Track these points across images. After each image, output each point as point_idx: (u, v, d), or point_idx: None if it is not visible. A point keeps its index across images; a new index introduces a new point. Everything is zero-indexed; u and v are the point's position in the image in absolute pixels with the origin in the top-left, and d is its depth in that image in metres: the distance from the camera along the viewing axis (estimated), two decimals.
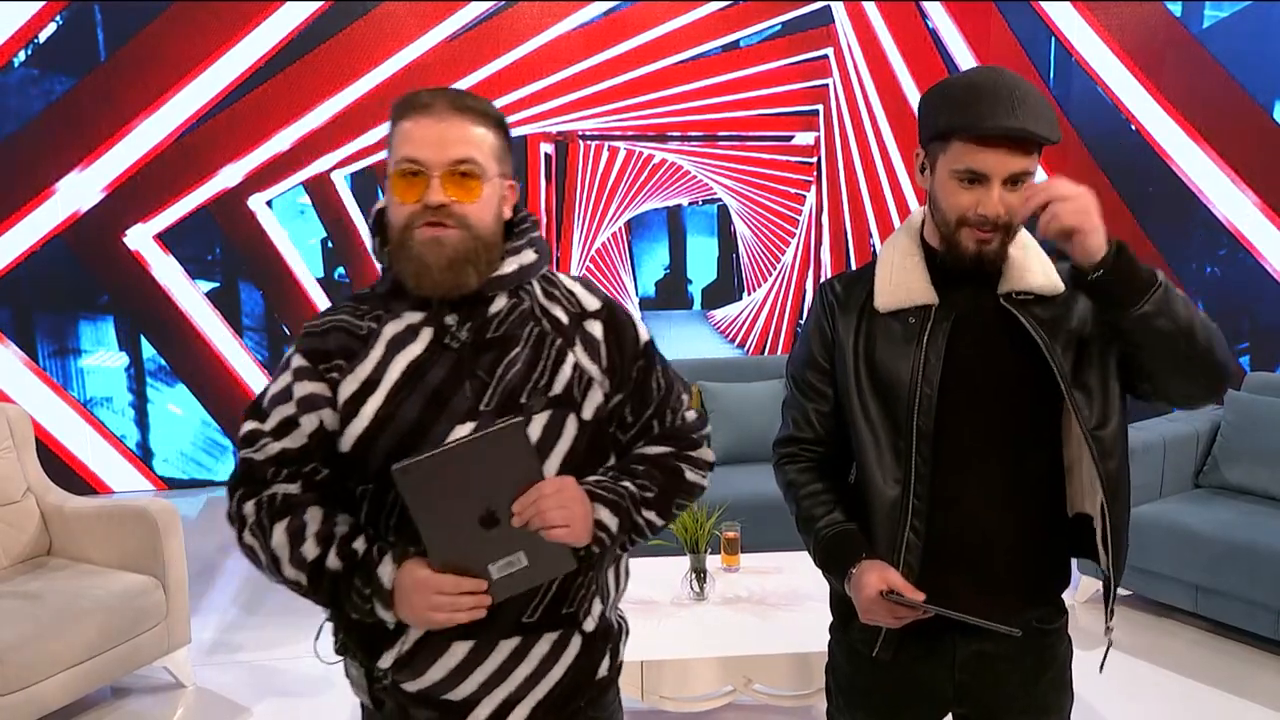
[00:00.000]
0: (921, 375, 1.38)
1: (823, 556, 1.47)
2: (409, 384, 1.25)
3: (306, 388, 1.26)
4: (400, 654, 1.25)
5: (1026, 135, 1.27)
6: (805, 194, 5.92)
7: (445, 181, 1.20)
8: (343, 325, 1.29)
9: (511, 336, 1.28)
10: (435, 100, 1.22)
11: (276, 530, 1.23)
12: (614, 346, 1.34)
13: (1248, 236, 4.57)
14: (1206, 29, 4.72)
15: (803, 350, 1.54)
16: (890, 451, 1.41)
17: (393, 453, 1.21)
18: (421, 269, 1.22)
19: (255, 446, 1.28)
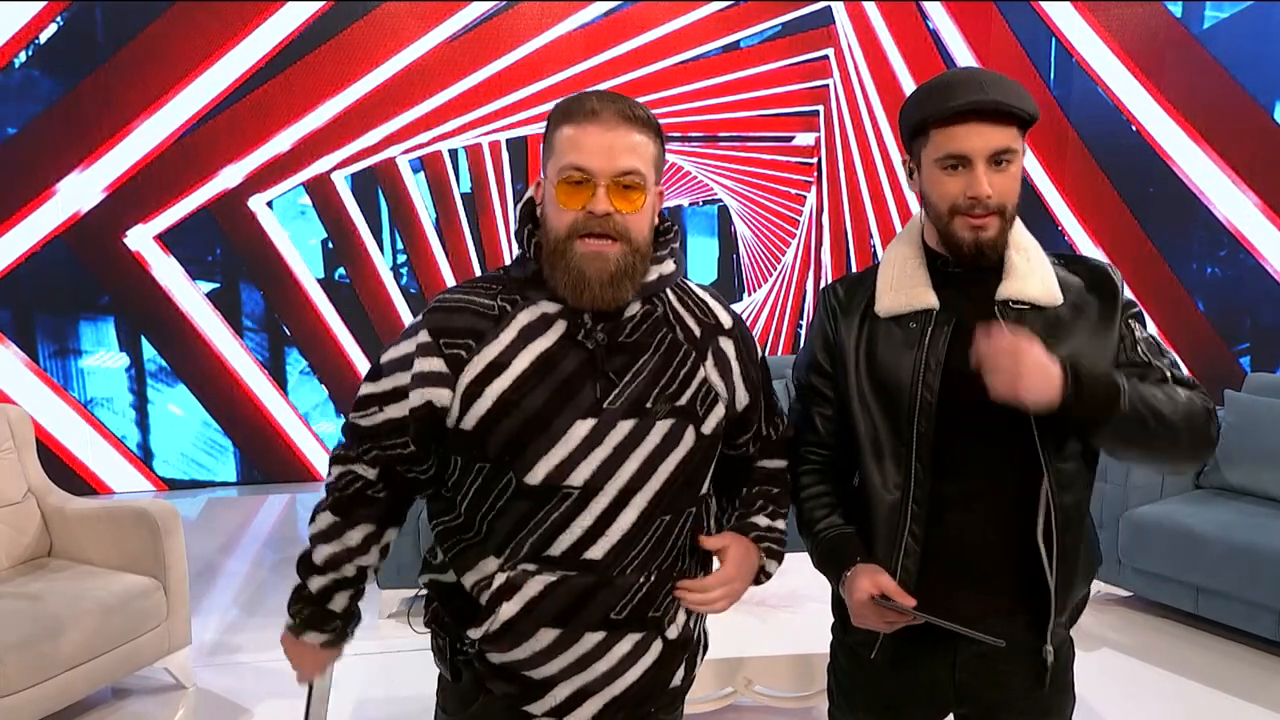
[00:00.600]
0: (922, 380, 1.38)
1: (820, 558, 1.48)
2: (538, 373, 1.26)
3: (426, 363, 1.27)
4: (488, 631, 1.28)
5: (995, 106, 1.29)
6: (806, 194, 5.92)
7: (611, 191, 1.22)
8: (473, 305, 1.30)
9: (644, 343, 1.31)
10: (604, 108, 1.23)
11: (322, 517, 1.37)
12: (745, 365, 1.39)
13: (1248, 237, 4.57)
14: (1207, 29, 4.72)
15: (806, 354, 1.54)
16: (890, 456, 1.41)
17: (512, 438, 1.25)
18: (581, 282, 1.23)
19: (363, 411, 1.33)
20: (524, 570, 1.28)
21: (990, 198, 1.32)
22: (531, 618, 1.27)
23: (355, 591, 1.41)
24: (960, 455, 1.39)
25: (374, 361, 1.36)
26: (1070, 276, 1.43)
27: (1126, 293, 1.45)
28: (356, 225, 5.45)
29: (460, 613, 1.33)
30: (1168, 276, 4.89)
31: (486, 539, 1.31)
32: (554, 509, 1.26)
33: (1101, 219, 5.17)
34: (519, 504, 1.27)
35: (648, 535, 1.30)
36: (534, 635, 1.28)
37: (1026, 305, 1.38)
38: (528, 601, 1.27)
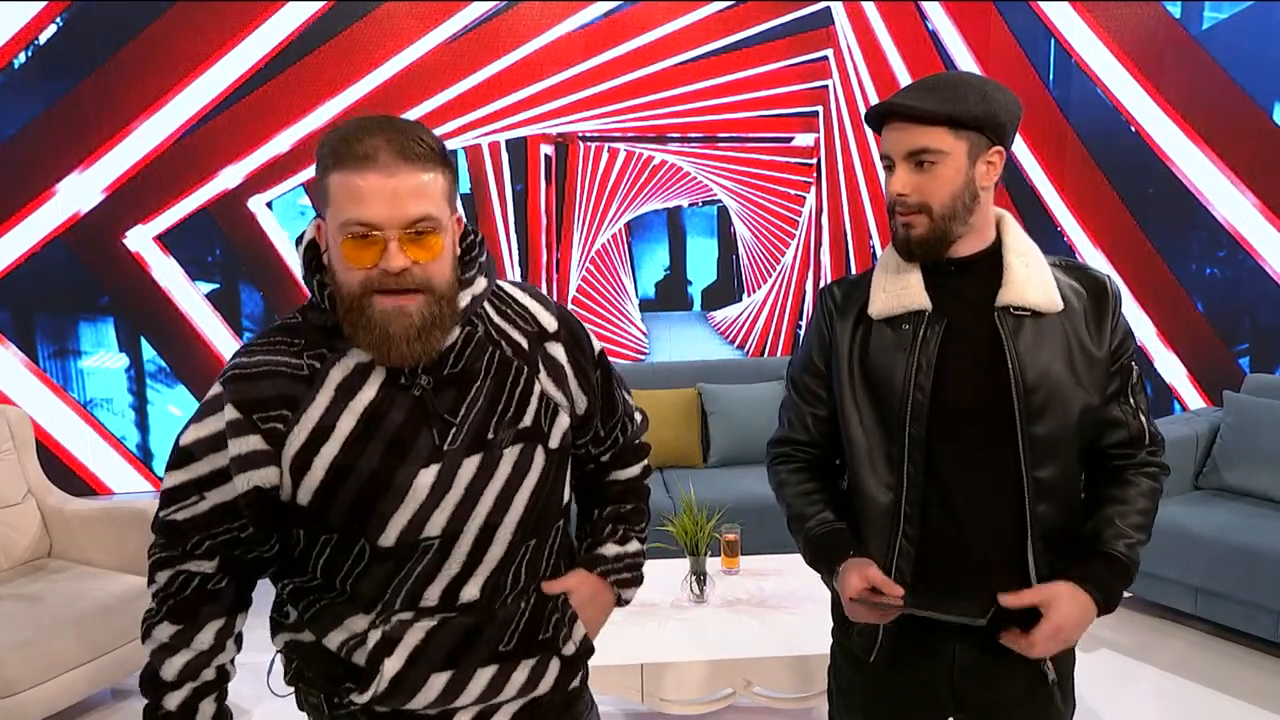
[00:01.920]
0: (914, 381, 1.38)
1: (812, 554, 1.49)
2: (367, 430, 1.16)
3: (242, 444, 1.16)
4: (376, 691, 1.21)
5: (900, 110, 1.34)
6: (805, 195, 5.92)
7: (404, 243, 1.10)
8: (278, 368, 1.18)
9: (471, 369, 1.22)
10: (378, 150, 1.08)
11: (159, 630, 1.23)
12: (579, 367, 1.32)
13: (1247, 238, 4.57)
14: (1206, 30, 4.72)
15: (802, 354, 1.55)
16: (883, 458, 1.42)
17: (354, 504, 1.17)
18: (385, 341, 1.13)
19: (179, 504, 1.21)
20: (400, 621, 1.21)
21: (907, 196, 1.36)
22: (419, 667, 1.21)
23: (220, 693, 1.27)
24: (951, 457, 1.40)
25: (174, 444, 1.22)
26: (1070, 282, 1.44)
27: (1123, 314, 1.46)
28: None
29: (331, 673, 1.25)
30: (1167, 277, 4.89)
31: (351, 599, 1.22)
32: (417, 563, 1.20)
33: (1100, 219, 5.17)
34: (379, 566, 1.20)
35: (517, 563, 1.26)
36: (426, 683, 1.21)
37: (1027, 312, 1.38)
38: (411, 651, 1.21)
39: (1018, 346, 1.37)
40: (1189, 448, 3.69)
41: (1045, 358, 1.37)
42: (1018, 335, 1.37)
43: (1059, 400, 1.38)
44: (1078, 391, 1.39)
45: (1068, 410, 1.38)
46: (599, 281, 5.85)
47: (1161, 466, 1.48)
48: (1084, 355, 1.39)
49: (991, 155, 1.37)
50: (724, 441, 4.26)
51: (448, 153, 1.18)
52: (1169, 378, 4.90)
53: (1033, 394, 1.36)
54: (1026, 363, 1.36)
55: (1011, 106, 1.37)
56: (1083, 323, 1.41)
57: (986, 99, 1.33)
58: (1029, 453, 1.37)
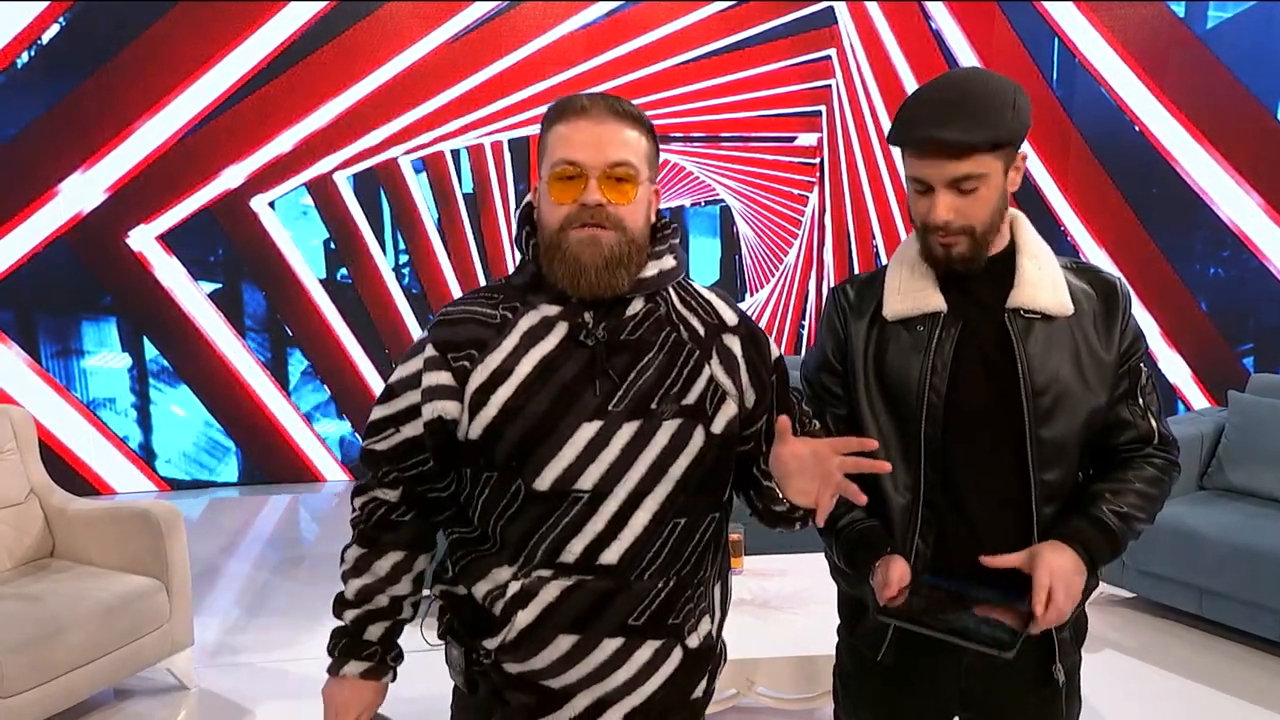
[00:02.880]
0: (929, 383, 1.38)
1: (846, 554, 1.45)
2: (541, 377, 1.26)
3: (434, 377, 1.28)
4: (505, 640, 1.27)
5: (945, 144, 1.29)
6: (808, 195, 5.91)
7: (602, 183, 1.23)
8: (475, 316, 1.31)
9: (647, 341, 1.29)
10: (593, 104, 1.25)
11: (350, 553, 1.37)
12: (753, 363, 1.36)
13: (1251, 238, 4.56)
14: (1210, 29, 4.71)
15: (817, 354, 1.54)
16: (900, 459, 1.41)
17: (518, 444, 1.25)
18: (578, 269, 1.23)
19: (378, 435, 1.34)
20: (539, 576, 1.26)
21: (951, 222, 1.34)
22: (549, 624, 1.25)
23: (392, 624, 1.38)
24: (964, 459, 1.40)
25: (386, 383, 1.36)
26: (1081, 285, 1.43)
27: (1134, 316, 1.45)
28: (359, 226, 5.45)
29: (474, 623, 1.32)
30: (1170, 277, 4.88)
31: (499, 549, 1.29)
32: (564, 513, 1.25)
33: (1104, 219, 5.16)
34: (530, 510, 1.26)
35: (663, 539, 1.28)
36: (552, 642, 1.26)
37: (1037, 315, 1.38)
38: (545, 608, 1.25)
39: (1028, 349, 1.36)
40: (1194, 448, 3.68)
41: (1055, 361, 1.37)
42: (1028, 338, 1.37)
43: (1067, 403, 1.37)
44: (1086, 395, 1.38)
45: (1075, 413, 1.38)
46: None
47: (1171, 461, 1.46)
48: (1093, 358, 1.39)
49: (1019, 161, 1.37)
50: None
51: (653, 127, 1.31)
52: (1173, 378, 4.89)
53: (1041, 396, 1.36)
54: (1036, 365, 1.36)
55: (1029, 107, 1.35)
56: (1092, 326, 1.40)
57: (1017, 110, 1.32)
58: (1036, 455, 1.37)
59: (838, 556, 1.48)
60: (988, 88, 1.33)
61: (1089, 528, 1.36)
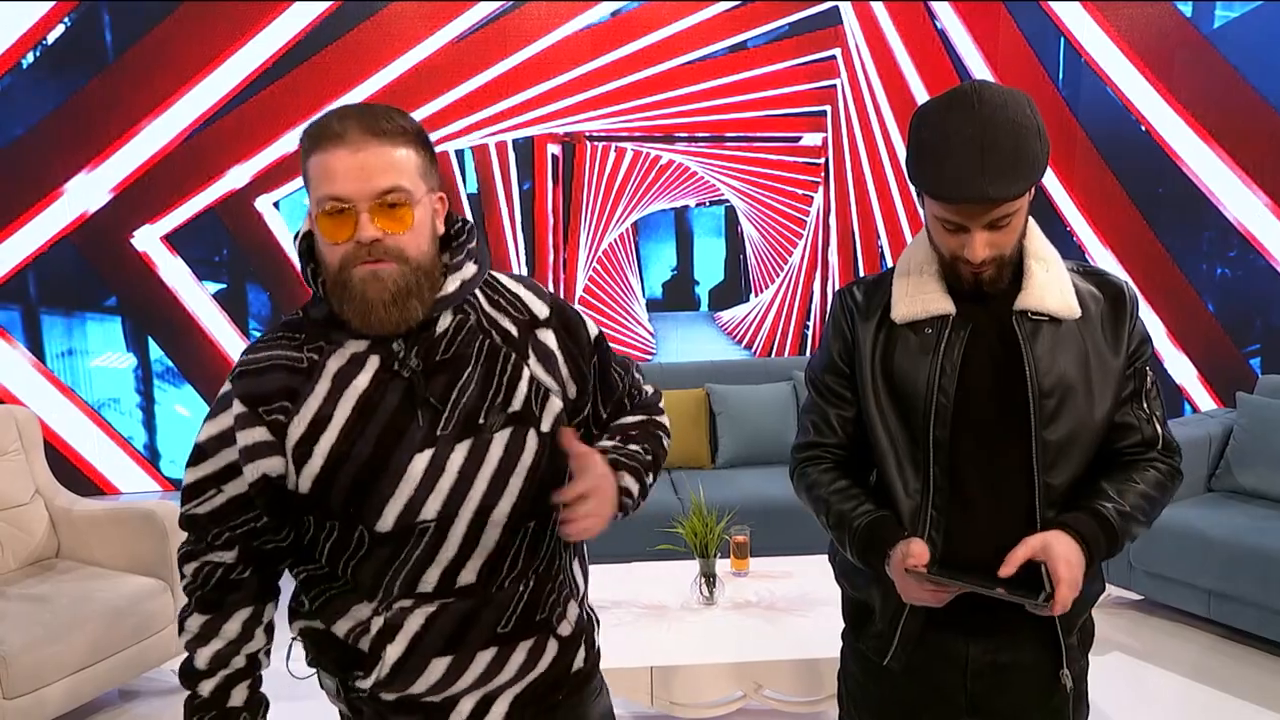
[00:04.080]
0: (937, 386, 1.38)
1: (860, 545, 1.43)
2: (362, 418, 1.21)
3: (249, 435, 1.22)
4: (379, 677, 1.26)
5: (990, 201, 1.26)
6: (813, 195, 5.90)
7: (374, 214, 1.15)
8: (280, 362, 1.23)
9: (462, 356, 1.26)
10: (348, 128, 1.15)
11: (190, 621, 1.29)
12: (570, 353, 1.34)
13: (1258, 238, 4.54)
14: (1217, 29, 4.69)
15: (823, 355, 1.53)
16: (909, 462, 1.41)
17: (351, 490, 1.21)
18: (365, 307, 1.17)
19: (198, 499, 1.27)
20: (400, 608, 1.25)
21: (987, 258, 1.33)
22: (419, 652, 1.25)
23: (253, 681, 1.33)
24: (972, 461, 1.39)
25: (195, 443, 1.28)
26: (1088, 288, 1.43)
27: (1141, 319, 1.45)
28: None
29: (341, 660, 1.30)
30: (1177, 277, 4.86)
31: (354, 587, 1.27)
32: (414, 547, 1.23)
33: (1110, 219, 5.14)
34: (378, 550, 1.23)
35: (515, 547, 1.28)
36: (426, 668, 1.25)
37: (1045, 317, 1.38)
38: (411, 639, 1.25)
39: (1035, 351, 1.36)
40: (1201, 449, 3.66)
41: (1061, 363, 1.37)
42: (1035, 340, 1.37)
43: (1072, 406, 1.37)
44: (1091, 398, 1.38)
45: (1080, 417, 1.38)
46: (606, 281, 5.84)
47: (1174, 468, 1.46)
48: (1099, 362, 1.39)
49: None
50: (732, 442, 4.25)
51: (423, 133, 1.22)
52: (1179, 378, 4.87)
53: (1047, 399, 1.36)
54: (1043, 368, 1.36)
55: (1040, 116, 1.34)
56: (1099, 329, 1.40)
57: (1042, 134, 1.29)
58: (1041, 457, 1.37)
59: (851, 548, 1.45)
60: (1018, 123, 1.27)
61: (1090, 520, 1.36)
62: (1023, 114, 1.28)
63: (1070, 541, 1.32)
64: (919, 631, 1.44)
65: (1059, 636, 1.42)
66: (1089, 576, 1.39)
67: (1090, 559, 1.34)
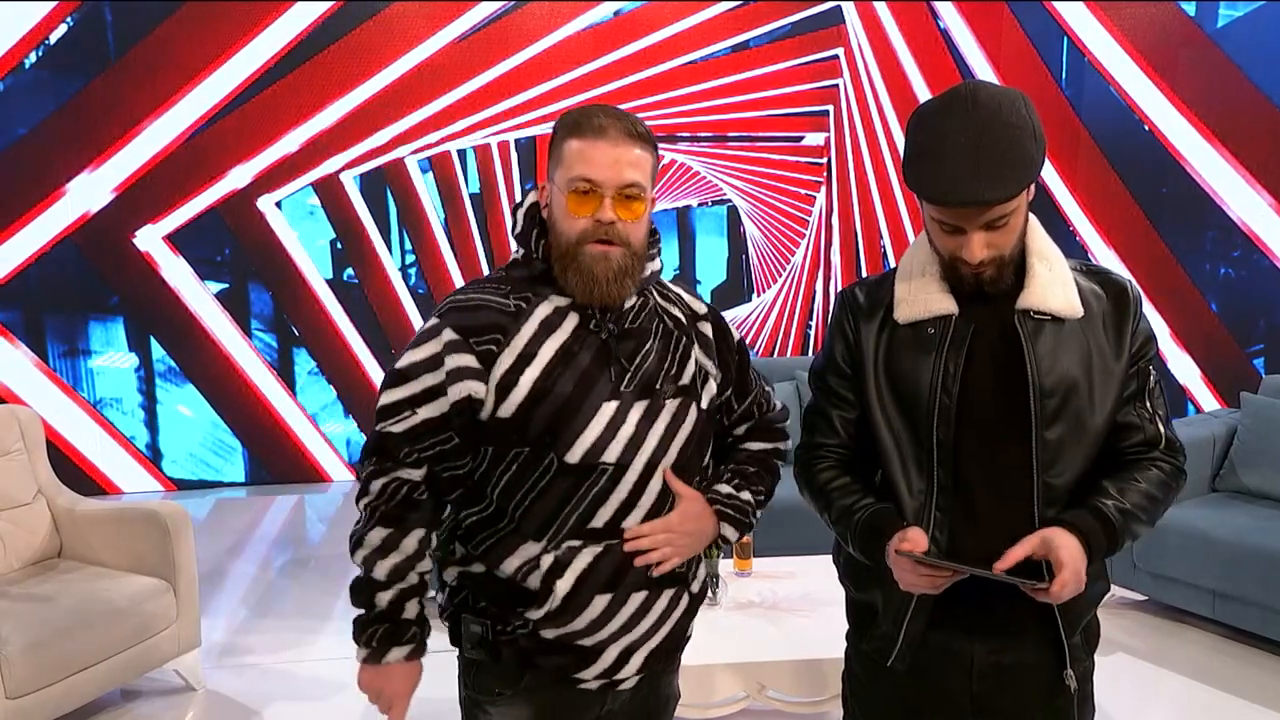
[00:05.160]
0: (940, 386, 1.37)
1: (860, 538, 1.43)
2: (562, 361, 1.37)
3: (458, 359, 1.35)
4: (551, 608, 1.36)
5: (987, 202, 1.27)
6: (815, 195, 5.89)
7: (616, 202, 1.34)
8: (490, 304, 1.38)
9: (645, 330, 1.44)
10: (610, 124, 1.34)
11: (372, 534, 1.37)
12: (723, 345, 1.54)
13: (1262, 237, 4.53)
14: (1221, 28, 4.68)
15: (825, 356, 1.53)
16: (913, 463, 1.41)
17: (550, 421, 1.35)
18: (591, 280, 1.35)
19: (395, 417, 1.37)
20: (569, 547, 1.37)
21: (984, 259, 1.33)
22: (586, 587, 1.37)
23: (421, 599, 1.42)
24: (974, 461, 1.39)
25: (390, 370, 1.39)
26: (1091, 286, 1.42)
27: (1145, 318, 1.44)
28: (365, 226, 5.45)
29: (507, 597, 1.40)
30: (1180, 277, 4.85)
31: (521, 524, 1.38)
32: (593, 485, 1.37)
33: (1114, 219, 5.13)
34: (560, 483, 1.36)
35: (669, 502, 1.43)
36: (590, 605, 1.38)
37: (1047, 316, 1.37)
38: (580, 573, 1.37)
39: (1037, 350, 1.36)
40: (1205, 449, 3.65)
41: (1063, 363, 1.36)
42: (1037, 339, 1.36)
43: (1073, 406, 1.36)
44: (1093, 398, 1.37)
45: (1081, 416, 1.37)
46: None
47: (1177, 468, 1.45)
48: (1101, 361, 1.38)
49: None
50: None
51: (656, 142, 1.42)
52: (1182, 379, 4.86)
53: (1048, 398, 1.35)
54: (1044, 367, 1.35)
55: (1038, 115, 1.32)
56: (1102, 328, 1.39)
57: (1037, 134, 1.28)
58: (1041, 456, 1.36)
59: (853, 541, 1.45)
60: (1012, 124, 1.26)
61: (1090, 518, 1.35)
62: (1018, 115, 1.28)
63: (1069, 537, 1.32)
64: (923, 632, 1.43)
65: (1062, 637, 1.41)
66: (1091, 574, 1.38)
67: (1090, 555, 1.33)
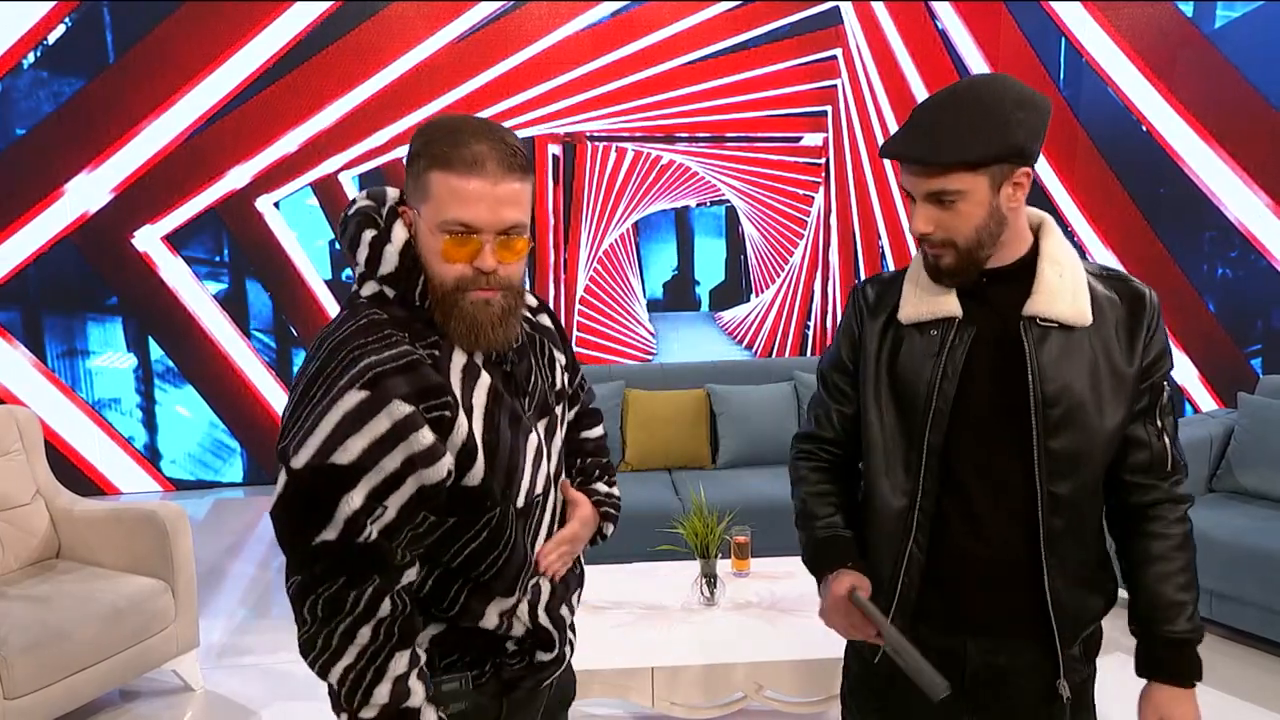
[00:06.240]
0: (938, 389, 1.36)
1: (811, 553, 1.49)
2: (495, 407, 1.26)
3: (421, 438, 1.15)
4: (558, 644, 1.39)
5: (907, 161, 1.31)
6: (813, 195, 5.90)
7: (497, 247, 1.20)
8: (417, 358, 1.18)
9: (524, 347, 1.36)
10: (486, 156, 1.17)
11: (400, 657, 1.19)
12: (559, 331, 1.49)
13: (1259, 238, 4.54)
14: (1218, 29, 4.69)
15: (833, 351, 1.54)
16: (900, 464, 1.40)
17: (506, 476, 1.25)
18: (475, 329, 1.22)
19: (370, 520, 1.14)
20: (534, 586, 1.36)
21: (930, 234, 1.33)
22: (556, 609, 1.39)
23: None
24: (969, 467, 1.37)
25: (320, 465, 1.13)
26: (1107, 293, 1.39)
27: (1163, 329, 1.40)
28: None
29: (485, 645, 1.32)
30: (1178, 277, 4.86)
31: (492, 583, 1.29)
32: (533, 520, 1.35)
33: (1111, 219, 5.14)
34: (517, 531, 1.30)
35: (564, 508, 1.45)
36: (564, 622, 1.41)
37: (1054, 324, 1.34)
38: (547, 601, 1.38)
39: (1040, 358, 1.33)
40: (1203, 450, 3.65)
41: (1069, 372, 1.33)
42: (1042, 346, 1.33)
43: (1079, 416, 1.33)
44: (1100, 408, 1.34)
45: (1088, 426, 1.34)
46: (607, 282, 5.84)
47: (1185, 501, 1.45)
48: (1110, 370, 1.35)
49: (1018, 177, 1.31)
50: (733, 443, 4.25)
51: (532, 161, 1.26)
52: (1180, 379, 4.87)
53: (1051, 407, 1.33)
54: (1048, 375, 1.33)
55: (1035, 120, 1.29)
56: (1114, 336, 1.35)
57: (1005, 128, 1.26)
58: (1045, 466, 1.33)
59: (804, 550, 1.51)
60: (979, 103, 1.26)
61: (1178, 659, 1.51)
62: (993, 98, 1.26)
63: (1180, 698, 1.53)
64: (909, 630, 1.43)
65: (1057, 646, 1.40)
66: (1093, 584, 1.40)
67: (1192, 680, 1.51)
